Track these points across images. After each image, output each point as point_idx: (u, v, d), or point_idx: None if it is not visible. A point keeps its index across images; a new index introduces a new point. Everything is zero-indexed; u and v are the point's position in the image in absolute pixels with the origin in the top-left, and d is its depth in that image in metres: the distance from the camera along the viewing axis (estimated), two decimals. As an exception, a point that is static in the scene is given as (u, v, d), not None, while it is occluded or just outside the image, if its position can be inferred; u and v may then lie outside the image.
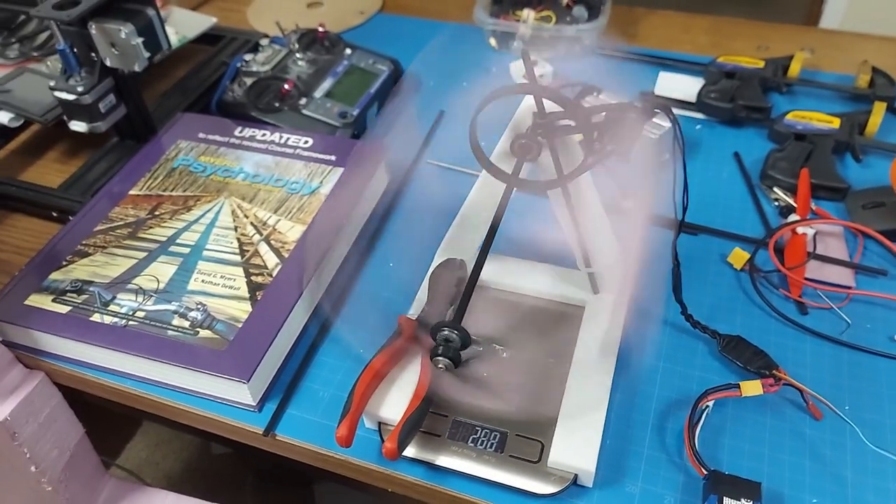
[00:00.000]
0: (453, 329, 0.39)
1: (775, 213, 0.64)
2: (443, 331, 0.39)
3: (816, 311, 0.55)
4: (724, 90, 0.74)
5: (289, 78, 0.74)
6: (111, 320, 0.54)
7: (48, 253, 0.59)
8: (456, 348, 0.39)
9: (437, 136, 0.75)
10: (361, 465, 0.48)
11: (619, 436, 0.48)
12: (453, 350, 0.39)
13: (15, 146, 0.76)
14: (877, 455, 0.46)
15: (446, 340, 0.39)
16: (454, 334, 0.39)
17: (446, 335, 0.39)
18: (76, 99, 0.63)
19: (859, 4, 1.71)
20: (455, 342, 0.39)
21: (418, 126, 0.76)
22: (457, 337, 0.39)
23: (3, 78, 0.75)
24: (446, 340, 0.39)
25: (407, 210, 0.67)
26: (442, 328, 0.39)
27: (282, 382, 0.53)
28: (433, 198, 0.66)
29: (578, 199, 0.48)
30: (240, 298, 0.54)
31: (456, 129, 0.74)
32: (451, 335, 0.39)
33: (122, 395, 0.55)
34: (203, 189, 0.64)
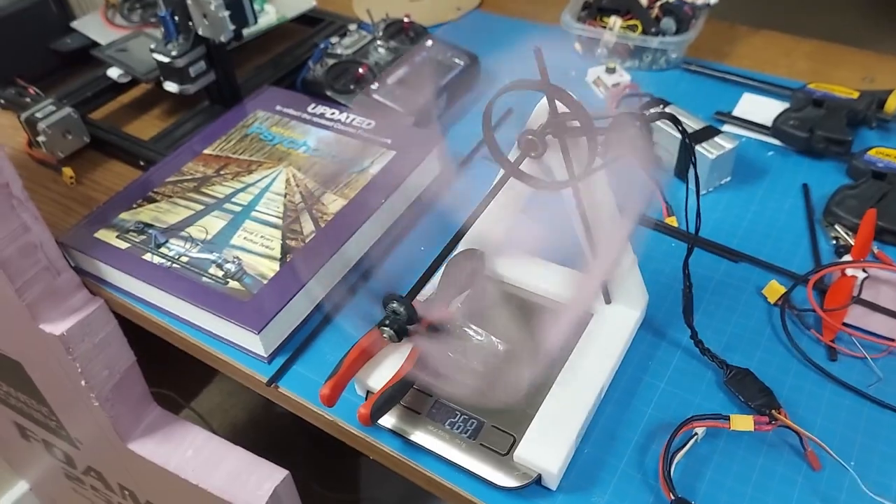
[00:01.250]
0: (402, 303, 0.40)
1: (831, 251, 0.60)
2: (392, 303, 0.40)
3: (846, 359, 0.51)
4: (805, 118, 0.70)
5: (365, 62, 0.78)
6: (159, 261, 0.59)
7: (123, 195, 0.66)
8: (402, 322, 0.40)
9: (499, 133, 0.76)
10: (346, 428, 0.51)
11: (599, 446, 0.48)
12: (399, 323, 0.40)
13: (126, 101, 0.85)
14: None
15: (394, 312, 0.40)
16: (401, 308, 0.40)
17: (394, 308, 0.40)
18: (170, 62, 0.70)
19: None
20: (402, 316, 0.40)
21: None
22: (403, 311, 0.40)
23: (123, 38, 0.84)
24: (394, 312, 0.40)
25: (451, 200, 0.68)
26: (392, 300, 0.40)
27: (295, 341, 0.57)
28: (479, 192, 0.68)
29: (592, 202, 0.47)
30: (271, 258, 0.58)
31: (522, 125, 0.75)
32: (398, 308, 0.40)
33: (160, 329, 0.61)
34: (267, 156, 0.69)
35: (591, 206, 0.47)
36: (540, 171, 0.48)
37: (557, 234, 0.52)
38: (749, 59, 0.84)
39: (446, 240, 0.57)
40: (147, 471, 0.73)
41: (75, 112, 0.74)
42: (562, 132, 0.44)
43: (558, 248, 0.55)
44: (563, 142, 0.44)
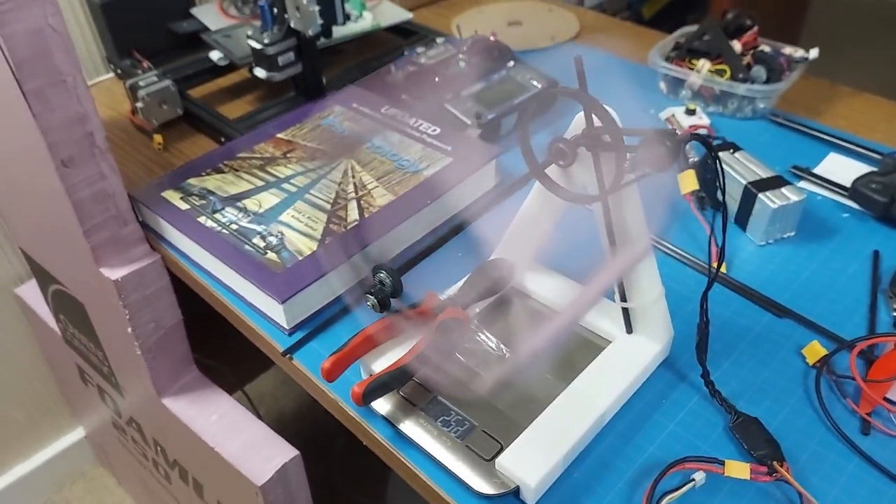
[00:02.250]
0: (389, 274, 0.40)
1: (889, 323, 0.55)
2: (380, 272, 0.41)
3: (880, 437, 0.47)
4: (890, 184, 0.65)
5: (443, 73, 0.80)
6: (211, 224, 0.63)
7: (196, 163, 0.71)
8: (386, 293, 0.41)
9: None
10: (345, 409, 0.52)
11: (590, 473, 0.46)
12: (384, 293, 0.40)
13: (223, 84, 0.91)
14: None
15: (380, 283, 0.41)
16: (388, 279, 0.40)
17: (381, 277, 0.41)
18: (261, 49, 0.75)
19: None
20: (387, 287, 0.40)
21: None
22: (390, 282, 0.40)
23: (231, 27, 0.90)
24: (380, 283, 0.41)
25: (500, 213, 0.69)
26: (380, 270, 0.41)
27: (318, 320, 0.58)
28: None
29: (621, 221, 0.46)
30: (312, 238, 0.61)
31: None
32: (385, 279, 0.40)
33: (200, 288, 0.64)
34: (333, 146, 0.72)
35: (620, 223, 0.46)
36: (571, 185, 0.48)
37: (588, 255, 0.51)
38: (845, 121, 0.80)
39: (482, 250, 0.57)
40: (175, 428, 0.77)
41: (174, 85, 0.80)
42: (595, 145, 0.43)
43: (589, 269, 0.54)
44: (596, 155, 0.44)
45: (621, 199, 0.46)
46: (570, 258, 0.56)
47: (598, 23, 1.05)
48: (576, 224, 0.52)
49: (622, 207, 0.46)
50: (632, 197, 0.46)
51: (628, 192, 0.45)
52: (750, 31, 0.82)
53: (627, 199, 0.46)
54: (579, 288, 0.55)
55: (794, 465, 0.45)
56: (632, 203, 0.46)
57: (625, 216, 0.46)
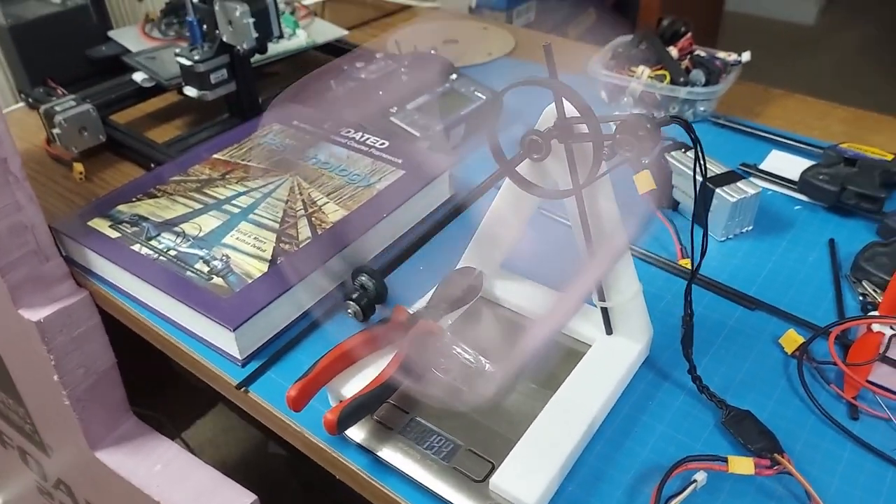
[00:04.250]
0: (372, 277, 0.37)
1: (856, 307, 0.55)
2: (361, 276, 0.37)
3: (869, 420, 0.46)
4: (836, 174, 0.66)
5: (388, 88, 0.77)
6: (147, 252, 0.57)
7: (125, 189, 0.65)
8: (370, 298, 0.37)
9: (516, 167, 0.74)
10: (312, 441, 0.47)
11: (584, 486, 0.43)
12: (367, 299, 0.37)
13: (149, 108, 0.86)
14: None
15: (362, 287, 0.37)
16: (371, 283, 0.37)
17: (363, 281, 0.37)
18: (192, 66, 0.71)
19: None
20: (370, 291, 0.37)
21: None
22: (373, 286, 0.37)
23: (155, 48, 0.85)
24: (362, 287, 0.37)
25: (458, 225, 0.66)
26: (361, 273, 0.37)
27: (274, 347, 0.53)
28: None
29: (596, 216, 0.44)
30: (261, 259, 0.56)
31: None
32: (368, 282, 0.37)
33: (137, 324, 0.58)
34: (275, 165, 0.68)
35: (594, 217, 0.44)
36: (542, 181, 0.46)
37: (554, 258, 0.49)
38: (781, 120, 0.82)
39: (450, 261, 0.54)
40: (113, 485, 0.69)
41: (94, 110, 0.74)
42: (568, 136, 0.41)
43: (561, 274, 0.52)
44: (569, 147, 0.42)
45: (595, 192, 0.44)
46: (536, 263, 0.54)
47: (531, 39, 1.05)
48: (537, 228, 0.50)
49: (596, 200, 0.44)
50: (605, 189, 0.44)
51: (601, 184, 0.44)
52: (685, 37, 0.83)
53: (601, 191, 0.44)
54: (554, 293, 0.53)
55: (790, 457, 0.43)
56: (605, 195, 0.44)
57: (599, 209, 0.44)
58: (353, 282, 0.38)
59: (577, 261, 0.47)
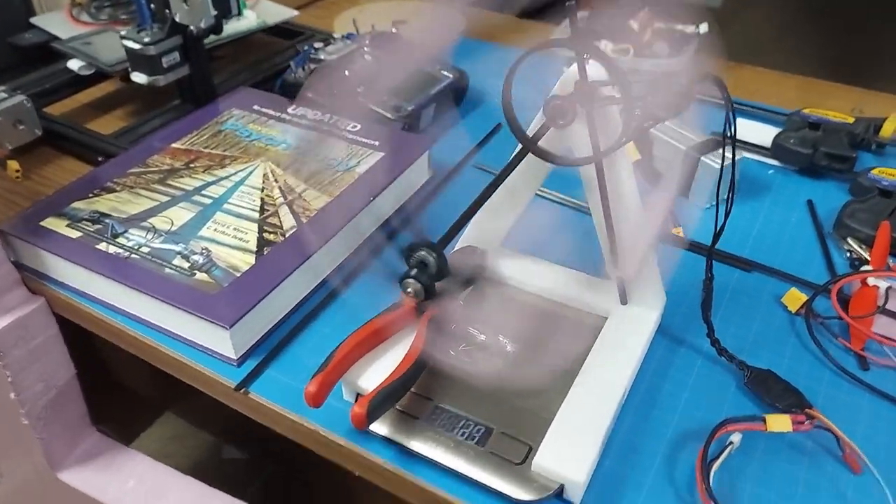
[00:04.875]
0: (431, 251, 0.34)
1: (846, 264, 0.57)
2: (420, 251, 0.34)
3: (880, 370, 0.48)
4: (805, 138, 0.68)
5: (352, 69, 0.74)
6: (115, 250, 0.52)
7: (78, 184, 0.59)
8: (431, 274, 0.34)
9: (491, 144, 0.73)
10: (329, 438, 0.44)
11: (621, 460, 0.42)
12: (427, 276, 0.34)
13: (87, 98, 0.79)
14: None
15: (421, 263, 0.34)
16: (431, 257, 0.34)
17: (423, 257, 0.34)
18: (141, 49, 0.65)
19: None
20: (431, 267, 0.34)
21: (474, 133, 0.74)
22: (433, 261, 0.34)
23: (88, 33, 0.78)
24: (421, 263, 0.34)
25: (443, 205, 0.64)
26: (420, 248, 0.34)
27: (269, 344, 0.50)
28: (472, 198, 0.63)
29: (614, 186, 0.43)
30: (245, 251, 0.52)
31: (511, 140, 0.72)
32: (427, 257, 0.34)
33: (109, 331, 0.53)
34: (242, 151, 0.63)
35: (614, 183, 0.43)
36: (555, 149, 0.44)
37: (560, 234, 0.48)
38: (739, 90, 0.84)
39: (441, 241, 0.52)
40: (79, 507, 0.63)
41: (28, 101, 0.67)
42: (590, 100, 0.40)
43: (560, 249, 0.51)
44: (591, 112, 0.40)
45: (614, 158, 0.43)
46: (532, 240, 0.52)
47: (484, 18, 1.03)
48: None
49: (616, 165, 0.43)
50: (622, 155, 0.43)
51: (620, 151, 0.42)
52: (644, 10, 0.84)
53: (619, 157, 0.43)
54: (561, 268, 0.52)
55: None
56: (624, 161, 0.43)
57: (620, 175, 0.43)
58: (409, 259, 0.35)
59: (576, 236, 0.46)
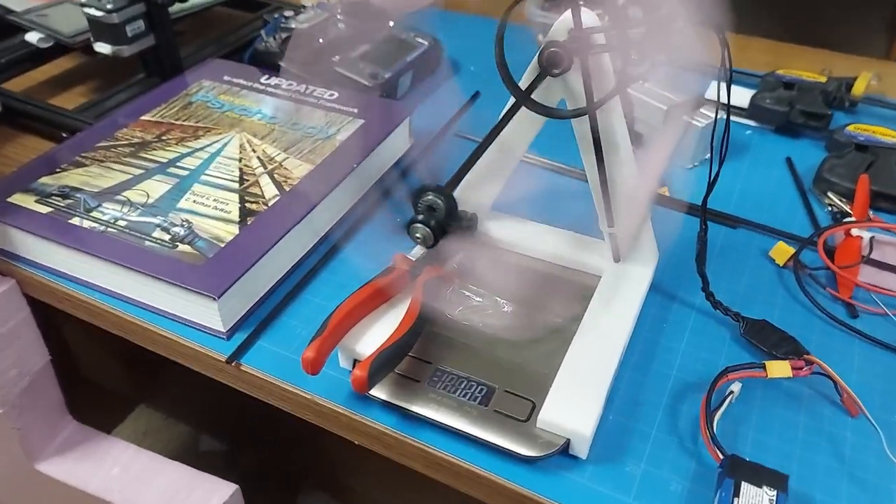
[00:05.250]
0: (439, 194, 0.33)
1: (828, 218, 0.58)
2: (427, 195, 0.33)
3: (868, 317, 0.48)
4: (780, 97, 0.69)
5: (325, 37, 0.72)
6: (90, 225, 0.50)
7: (44, 160, 0.56)
8: (439, 219, 0.33)
9: (471, 112, 0.72)
10: (327, 406, 0.43)
11: (624, 413, 0.42)
12: (436, 220, 0.33)
13: (46, 76, 0.75)
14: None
15: (429, 208, 0.33)
16: (440, 200, 0.33)
17: (431, 200, 0.33)
18: (104, 16, 0.62)
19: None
20: (440, 211, 0.33)
21: (452, 101, 0.73)
22: (442, 205, 0.33)
23: (43, 5, 0.74)
24: (429, 208, 0.33)
25: (426, 172, 0.63)
26: (426, 192, 0.33)
27: (258, 315, 0.48)
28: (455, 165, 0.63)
29: (609, 138, 0.43)
30: (228, 221, 0.50)
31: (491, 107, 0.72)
32: (435, 201, 0.33)
33: (88, 310, 0.51)
34: (216, 123, 0.61)
35: (607, 134, 0.42)
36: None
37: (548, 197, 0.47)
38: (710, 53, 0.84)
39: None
40: (63, 498, 0.61)
41: (-16, 76, 0.64)
42: (585, 50, 0.39)
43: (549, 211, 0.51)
44: (585, 61, 0.40)
45: (609, 110, 0.42)
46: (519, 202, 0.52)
47: (451, -13, 1.02)
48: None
49: (610, 117, 0.42)
50: (616, 107, 0.42)
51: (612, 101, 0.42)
52: (616, -25, 0.83)
53: (613, 109, 0.42)
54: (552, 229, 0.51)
55: (811, 358, 0.44)
56: (617, 113, 0.43)
57: (614, 127, 0.42)
58: (417, 204, 0.34)
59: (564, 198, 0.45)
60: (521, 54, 0.43)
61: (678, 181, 0.62)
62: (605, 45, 0.39)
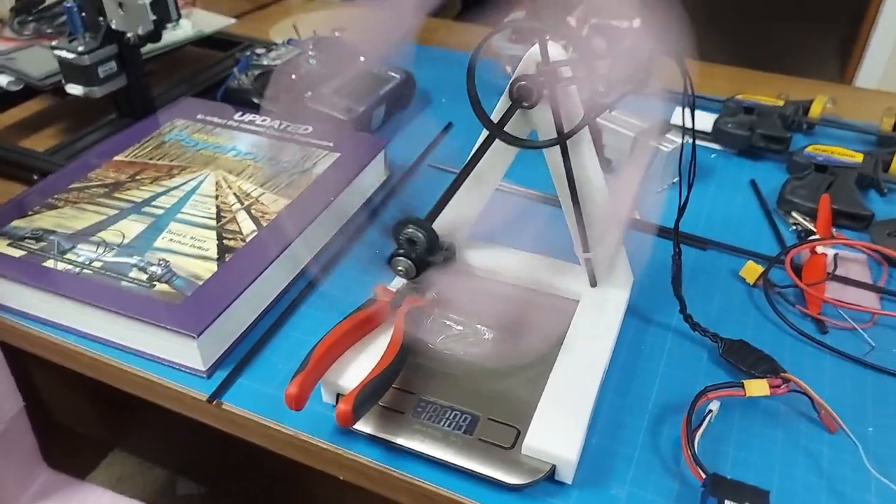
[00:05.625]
0: (420, 227, 0.34)
1: (793, 237, 0.60)
2: (408, 228, 0.34)
3: (837, 331, 0.50)
4: (741, 122, 0.71)
5: (298, 73, 0.73)
6: (64, 267, 0.49)
7: (15, 203, 0.56)
8: (421, 252, 0.34)
9: (444, 143, 0.73)
10: (311, 442, 0.42)
11: (607, 436, 0.42)
12: (418, 253, 0.34)
13: (15, 120, 0.74)
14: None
15: (410, 241, 0.34)
16: (420, 234, 0.34)
17: (412, 233, 0.34)
18: (75, 58, 0.62)
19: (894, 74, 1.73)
20: (420, 244, 0.34)
21: (425, 132, 0.74)
22: (423, 238, 0.34)
23: (11, 49, 0.74)
24: (410, 241, 0.34)
25: (403, 205, 0.63)
26: (407, 225, 0.34)
27: (238, 352, 0.48)
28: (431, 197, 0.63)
29: (580, 167, 0.44)
30: (206, 258, 0.50)
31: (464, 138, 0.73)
32: (416, 234, 0.34)
33: (63, 354, 0.50)
34: (190, 161, 0.61)
35: (578, 165, 0.43)
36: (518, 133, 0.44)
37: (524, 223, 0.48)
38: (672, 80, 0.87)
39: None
40: (34, 548, 0.59)
41: (-48, 119, 0.63)
42: (553, 83, 0.40)
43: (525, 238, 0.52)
44: (554, 93, 0.41)
45: (579, 139, 0.43)
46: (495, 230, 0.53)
47: (424, 23, 1.04)
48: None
49: (581, 147, 0.43)
50: (586, 135, 0.44)
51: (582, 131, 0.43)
52: (580, 7, 0.86)
53: (583, 138, 0.44)
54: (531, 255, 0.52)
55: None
56: (587, 142, 0.44)
57: (584, 153, 0.44)
58: (398, 237, 0.35)
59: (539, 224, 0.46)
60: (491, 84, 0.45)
61: (648, 205, 0.63)
62: (572, 77, 0.40)
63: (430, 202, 0.45)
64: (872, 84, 1.85)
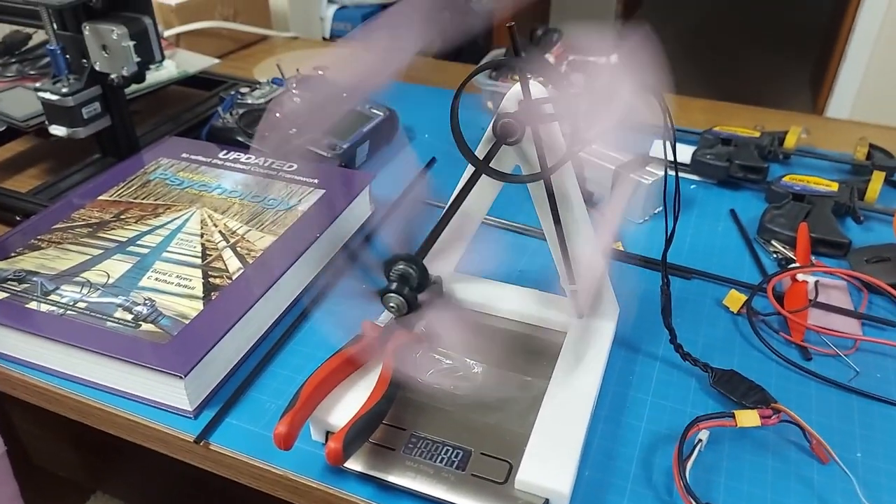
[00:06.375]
0: (411, 263, 0.34)
1: (774, 265, 0.60)
2: (398, 265, 0.34)
3: (821, 358, 0.50)
4: (719, 153, 0.73)
5: (281, 111, 0.73)
6: (48, 308, 0.49)
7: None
8: (412, 287, 0.34)
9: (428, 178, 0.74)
10: (301, 482, 0.42)
11: (599, 468, 0.42)
12: (410, 287, 0.34)
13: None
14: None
15: (401, 277, 0.34)
16: (411, 270, 0.34)
17: (402, 270, 0.34)
18: (59, 100, 0.62)
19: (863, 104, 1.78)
20: (412, 280, 0.34)
21: (409, 168, 0.75)
22: (414, 273, 0.34)
23: (-6, 90, 0.74)
24: (401, 277, 0.34)
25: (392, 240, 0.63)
26: (398, 261, 0.34)
27: (225, 392, 0.47)
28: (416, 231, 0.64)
29: (564, 200, 0.45)
30: (192, 297, 0.50)
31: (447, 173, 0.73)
32: (407, 270, 0.34)
33: (45, 397, 0.49)
34: (175, 199, 0.61)
35: (562, 197, 0.44)
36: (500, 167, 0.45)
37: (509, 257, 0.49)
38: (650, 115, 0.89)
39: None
40: None
41: (-66, 161, 0.63)
42: (535, 119, 0.41)
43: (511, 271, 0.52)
44: (536, 129, 0.42)
45: (562, 173, 0.44)
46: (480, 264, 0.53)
47: (403, 59, 1.05)
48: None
49: (564, 180, 0.44)
50: (569, 169, 0.45)
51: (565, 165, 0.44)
52: (558, 45, 0.88)
53: (566, 172, 0.44)
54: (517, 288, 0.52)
55: (773, 403, 0.46)
56: (570, 176, 0.45)
57: (567, 187, 0.44)
58: (389, 273, 0.35)
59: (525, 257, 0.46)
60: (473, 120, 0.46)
61: (631, 236, 0.64)
62: (554, 114, 0.41)
63: (417, 235, 0.46)
64: (843, 114, 1.90)
